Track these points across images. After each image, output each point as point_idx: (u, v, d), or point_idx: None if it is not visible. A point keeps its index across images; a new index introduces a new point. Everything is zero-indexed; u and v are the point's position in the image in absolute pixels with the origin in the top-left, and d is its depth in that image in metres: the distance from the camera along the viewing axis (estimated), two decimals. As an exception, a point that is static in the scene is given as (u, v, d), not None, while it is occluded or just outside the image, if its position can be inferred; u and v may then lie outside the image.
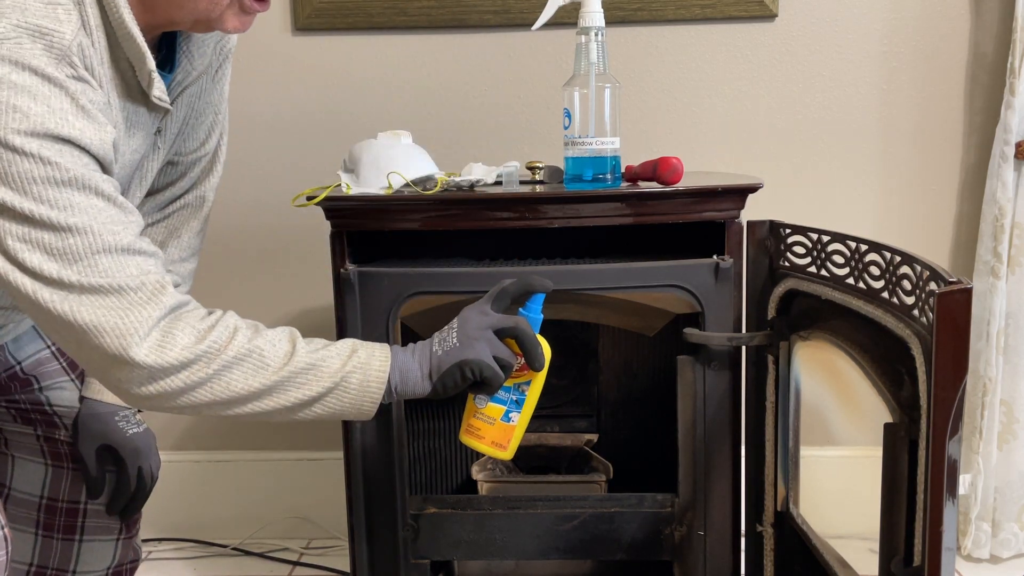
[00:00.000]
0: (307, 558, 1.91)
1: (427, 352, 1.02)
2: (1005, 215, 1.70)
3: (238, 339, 0.95)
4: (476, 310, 1.04)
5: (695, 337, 1.30)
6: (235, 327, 0.96)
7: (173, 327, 0.92)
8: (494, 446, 1.08)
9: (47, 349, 1.27)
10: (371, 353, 1.00)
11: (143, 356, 0.90)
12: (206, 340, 0.93)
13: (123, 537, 1.32)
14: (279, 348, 0.97)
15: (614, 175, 1.37)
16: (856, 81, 1.83)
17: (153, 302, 0.91)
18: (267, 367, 0.95)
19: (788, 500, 1.37)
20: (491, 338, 1.01)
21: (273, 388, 0.96)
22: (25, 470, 1.27)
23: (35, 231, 0.87)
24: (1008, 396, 1.77)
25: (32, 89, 0.85)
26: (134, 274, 0.91)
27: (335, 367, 0.98)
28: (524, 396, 1.07)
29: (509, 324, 1.02)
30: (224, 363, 0.93)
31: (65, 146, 0.87)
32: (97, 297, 0.89)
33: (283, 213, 1.88)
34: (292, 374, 0.96)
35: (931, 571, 0.96)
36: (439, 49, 1.85)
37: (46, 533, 1.28)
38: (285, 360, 0.96)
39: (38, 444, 1.27)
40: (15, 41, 0.85)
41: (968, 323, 0.93)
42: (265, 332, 0.98)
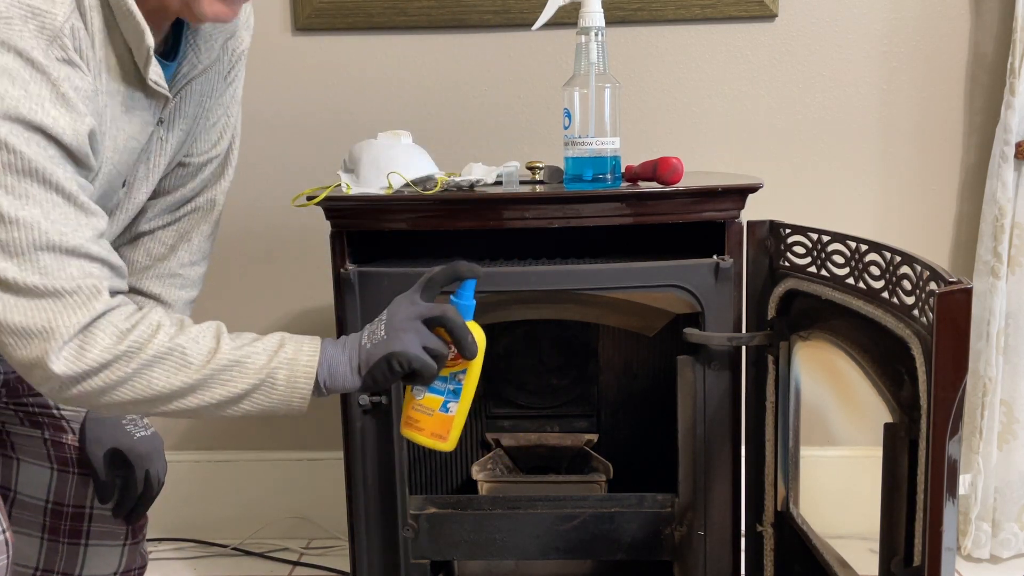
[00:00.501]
0: (307, 558, 1.90)
1: (356, 345, 1.00)
2: (1005, 215, 1.70)
3: (159, 337, 0.93)
4: (405, 300, 1.01)
5: (695, 337, 1.30)
6: (158, 324, 0.94)
7: (95, 327, 0.90)
8: (434, 437, 1.05)
9: None
10: (299, 348, 0.99)
11: (59, 366, 0.89)
12: (126, 340, 0.91)
13: (129, 543, 1.32)
14: (202, 345, 0.95)
15: (614, 175, 1.37)
16: (856, 81, 1.83)
17: (84, 307, 0.90)
18: (189, 365, 0.94)
19: (788, 500, 1.37)
20: (419, 328, 0.99)
21: (196, 386, 0.94)
22: (30, 474, 1.27)
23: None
24: (1008, 396, 1.77)
25: (12, 71, 0.85)
26: (73, 275, 0.89)
27: (260, 363, 0.96)
28: (461, 386, 1.04)
29: (437, 313, 0.99)
30: (144, 361, 0.92)
31: (35, 134, 0.86)
32: (29, 299, 0.88)
33: (283, 213, 1.88)
34: (216, 371, 0.95)
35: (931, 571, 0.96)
36: (439, 49, 1.85)
37: (52, 537, 1.27)
38: (208, 357, 0.95)
39: (45, 448, 1.27)
40: (6, 20, 0.84)
41: (968, 323, 0.93)
42: (190, 329, 0.96)
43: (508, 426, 1.61)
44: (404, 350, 0.98)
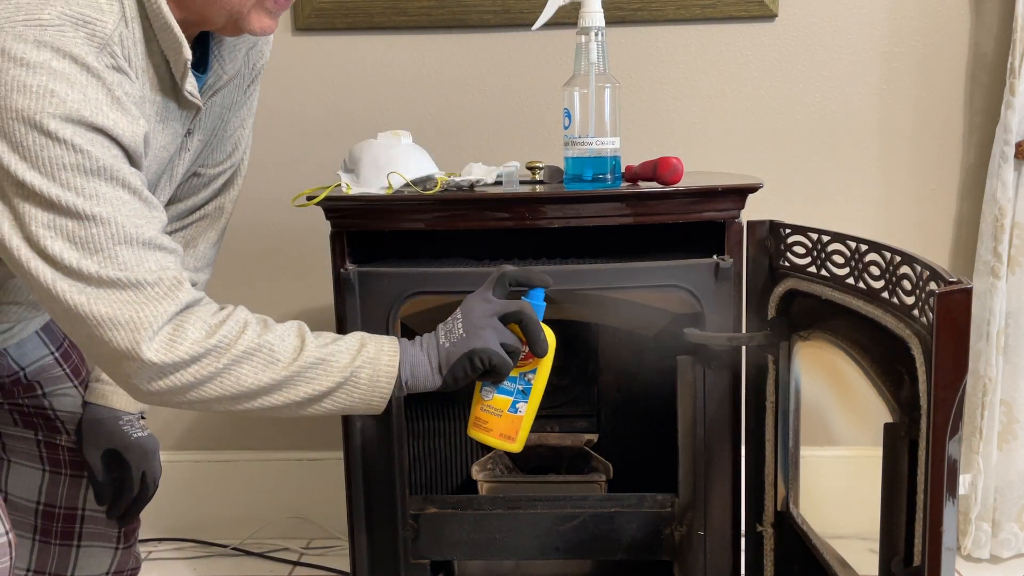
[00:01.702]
0: (307, 558, 1.90)
1: (435, 344, 1.02)
2: (1005, 215, 1.70)
3: (248, 334, 0.95)
4: (479, 298, 1.03)
5: (695, 337, 1.30)
6: (245, 321, 0.96)
7: (184, 322, 0.92)
8: (502, 438, 1.07)
9: (51, 356, 1.26)
10: (380, 347, 1.00)
11: (152, 354, 0.90)
12: (216, 334, 0.93)
13: (122, 546, 1.32)
14: (288, 343, 0.97)
15: (614, 175, 1.37)
16: (856, 81, 1.83)
17: (168, 298, 0.91)
18: (277, 362, 0.96)
19: (788, 500, 1.37)
20: (496, 325, 1.01)
21: (283, 383, 0.96)
22: (21, 475, 1.27)
23: (59, 218, 0.87)
24: (1008, 396, 1.77)
25: (70, 76, 0.86)
26: (152, 269, 0.91)
27: (344, 362, 0.98)
28: (530, 385, 1.06)
29: (513, 309, 1.02)
30: (234, 357, 0.94)
31: (97, 135, 0.88)
32: (113, 291, 0.89)
33: (283, 213, 1.88)
34: (302, 369, 0.96)
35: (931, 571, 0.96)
36: (439, 49, 1.85)
37: (43, 538, 1.27)
38: (295, 355, 0.96)
39: (37, 449, 1.27)
40: (58, 28, 0.85)
41: (968, 323, 0.93)
42: (275, 327, 0.98)
43: (508, 426, 1.61)
44: (485, 346, 1.00)
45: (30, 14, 0.84)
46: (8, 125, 0.85)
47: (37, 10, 0.85)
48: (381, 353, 1.00)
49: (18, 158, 0.85)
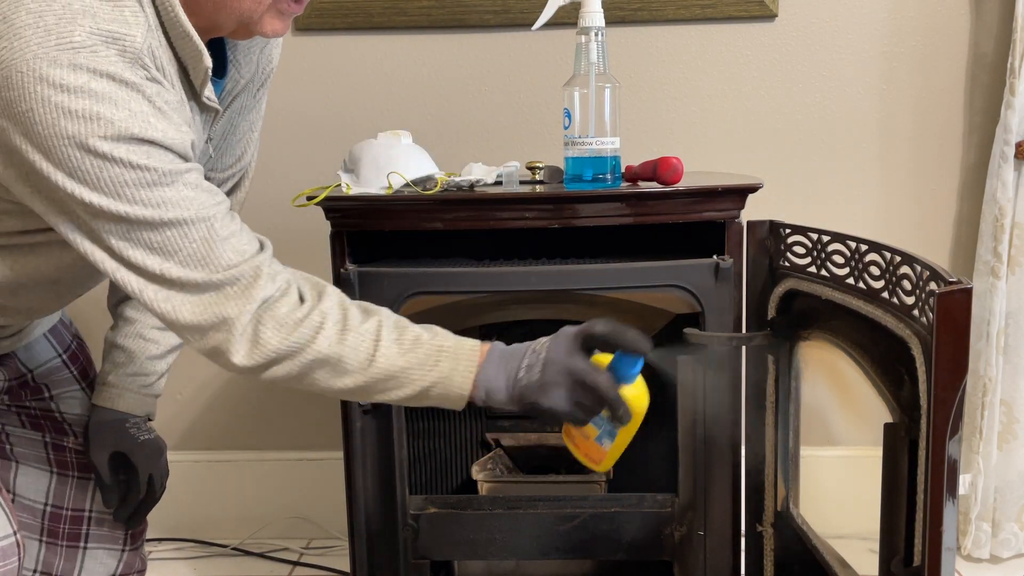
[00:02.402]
0: (307, 558, 1.90)
1: (513, 375, 1.00)
2: (1005, 215, 1.70)
3: (319, 340, 0.95)
4: (565, 347, 1.00)
5: (695, 337, 1.30)
6: (320, 324, 0.96)
7: (262, 323, 0.94)
8: (588, 459, 1.06)
9: (58, 358, 1.26)
10: (455, 365, 0.99)
11: (239, 359, 0.94)
12: (291, 338, 0.94)
13: (129, 548, 1.32)
14: (361, 352, 0.97)
15: (614, 175, 1.37)
16: (856, 81, 1.83)
17: (246, 295, 0.93)
18: (347, 373, 0.97)
19: (788, 500, 1.37)
20: (572, 386, 0.98)
21: (355, 391, 0.99)
22: (29, 477, 1.26)
23: (133, 230, 0.89)
24: (1008, 396, 1.77)
25: (112, 95, 0.85)
26: (231, 261, 0.93)
27: (415, 378, 0.98)
28: (615, 432, 1.04)
29: (590, 381, 0.98)
30: (305, 363, 0.96)
31: (151, 147, 0.88)
32: (196, 294, 0.92)
33: (283, 213, 1.88)
34: (372, 381, 0.98)
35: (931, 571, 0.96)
36: (439, 49, 1.85)
37: (50, 540, 1.27)
38: (365, 365, 0.97)
39: (45, 451, 1.27)
40: (91, 49, 0.85)
41: (968, 323, 0.93)
42: (349, 332, 0.97)
43: (508, 426, 1.61)
44: (552, 407, 0.98)
45: (61, 37, 0.83)
46: (62, 152, 0.85)
47: (67, 32, 0.84)
48: (454, 373, 0.99)
49: (79, 183, 0.86)
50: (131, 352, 1.25)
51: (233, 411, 1.99)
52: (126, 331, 1.26)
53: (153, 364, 1.27)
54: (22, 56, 0.82)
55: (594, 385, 0.98)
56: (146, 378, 1.26)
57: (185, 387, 1.97)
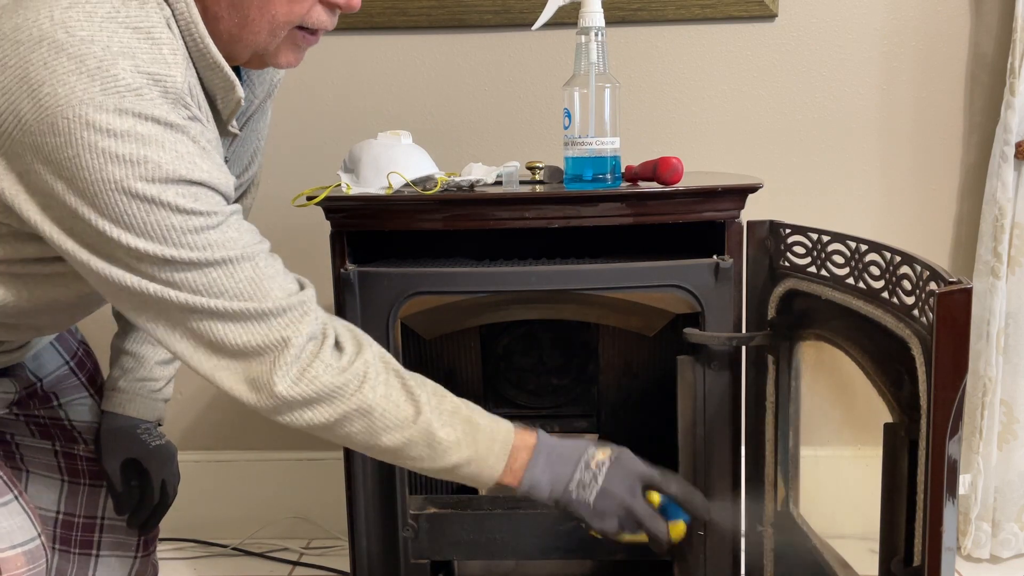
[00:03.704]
0: (307, 558, 1.91)
1: (563, 484, 1.03)
2: (1005, 215, 1.70)
3: (364, 391, 0.95)
4: (627, 486, 1.04)
5: (695, 337, 1.30)
6: (364, 374, 0.96)
7: (313, 360, 0.93)
8: None
9: (66, 366, 1.26)
10: (490, 447, 1.01)
11: (283, 388, 0.92)
12: (338, 379, 0.94)
13: (141, 555, 1.32)
14: (403, 411, 0.97)
15: (614, 175, 1.37)
16: (856, 81, 1.83)
17: (296, 327, 0.93)
18: (386, 430, 0.97)
19: (788, 500, 1.37)
20: (625, 518, 1.03)
21: (386, 451, 0.98)
22: (39, 485, 1.26)
23: (178, 271, 0.88)
24: (1008, 396, 1.77)
25: (158, 138, 0.85)
26: (278, 297, 0.92)
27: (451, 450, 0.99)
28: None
29: (648, 526, 1.04)
30: (346, 412, 0.95)
31: (199, 189, 0.88)
32: (243, 323, 0.91)
33: (283, 213, 1.88)
34: (407, 444, 0.97)
35: (931, 571, 0.96)
36: (439, 49, 1.85)
37: (63, 548, 1.27)
38: (403, 426, 0.97)
39: (55, 460, 1.26)
40: (136, 92, 0.84)
41: (968, 323, 0.93)
42: (393, 388, 0.97)
43: (508, 426, 1.61)
44: (602, 529, 1.04)
45: (106, 82, 0.83)
46: (108, 197, 0.84)
47: (111, 77, 0.83)
48: (490, 454, 1.01)
49: (124, 229, 0.85)
50: (140, 357, 1.25)
51: (233, 411, 1.99)
52: (134, 337, 1.27)
53: (162, 369, 1.27)
54: (68, 102, 0.81)
55: (651, 531, 1.05)
56: (155, 383, 1.27)
57: (185, 387, 1.97)
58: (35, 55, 0.82)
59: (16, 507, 1.03)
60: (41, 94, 0.82)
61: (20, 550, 1.00)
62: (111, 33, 0.84)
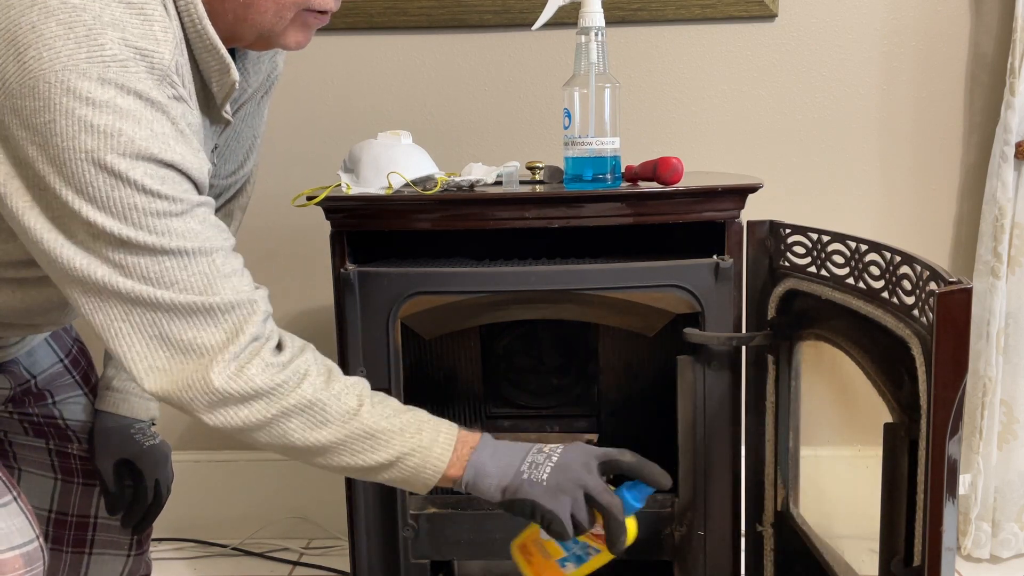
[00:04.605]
0: (307, 558, 1.91)
1: (512, 467, 0.99)
2: (1005, 215, 1.70)
3: (304, 387, 0.93)
4: (582, 461, 1.00)
5: (695, 337, 1.30)
6: (305, 372, 0.94)
7: (250, 359, 0.91)
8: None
9: (60, 363, 1.26)
10: (434, 438, 0.98)
11: (219, 381, 0.89)
12: (275, 379, 0.91)
13: (134, 553, 1.32)
14: (343, 404, 0.95)
15: (614, 175, 1.37)
16: (856, 81, 1.83)
17: (238, 328, 0.90)
18: (327, 423, 0.94)
19: (788, 500, 1.37)
20: (579, 497, 0.98)
21: (328, 449, 0.94)
22: (33, 484, 1.26)
23: (131, 254, 0.86)
24: (1008, 396, 1.77)
25: (135, 113, 0.84)
26: (227, 296, 0.90)
27: (394, 442, 0.96)
28: (587, 558, 1.02)
29: (603, 500, 0.98)
30: (284, 409, 0.92)
31: (169, 171, 0.86)
32: (183, 317, 0.89)
33: (283, 213, 1.88)
34: (349, 438, 0.94)
35: (931, 571, 0.96)
36: (439, 49, 1.85)
37: (55, 547, 1.27)
38: (346, 419, 0.94)
39: (49, 458, 1.26)
40: (121, 64, 0.83)
41: (968, 323, 0.93)
42: (334, 383, 0.95)
43: (508, 426, 1.61)
44: (553, 510, 0.97)
45: (92, 50, 0.82)
46: (77, 166, 0.82)
47: (98, 45, 0.82)
48: (435, 445, 0.97)
49: (86, 201, 0.83)
50: None
51: (233, 411, 1.99)
52: None
53: None
54: (51, 67, 0.81)
55: (607, 506, 0.98)
56: None
57: (185, 387, 1.97)
58: (25, 18, 0.82)
59: (15, 508, 1.03)
60: (26, 57, 0.81)
61: (18, 552, 1.00)
62: (104, 5, 0.84)
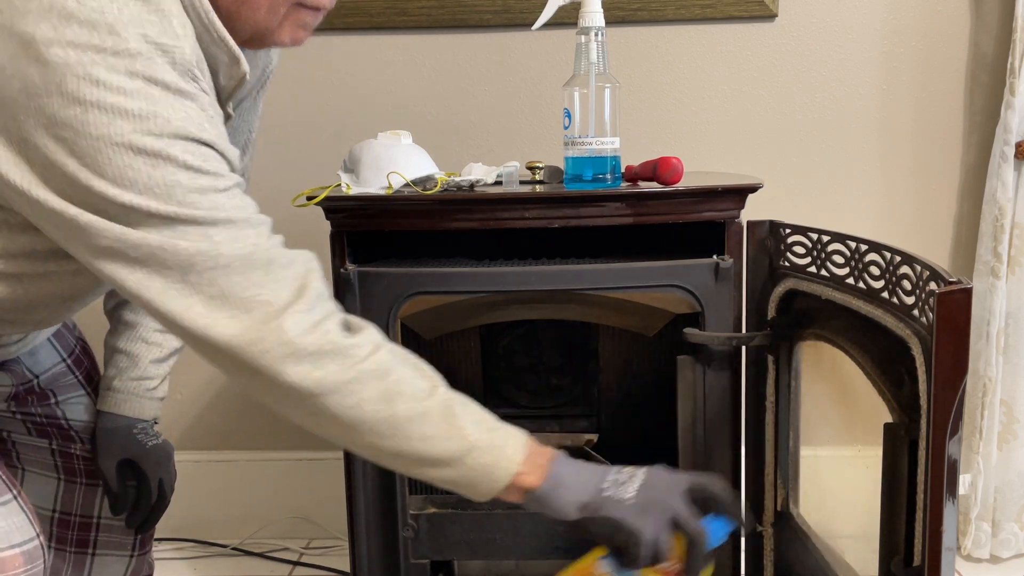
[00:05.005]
0: (307, 558, 1.90)
1: (594, 482, 0.95)
2: (1005, 215, 1.70)
3: (382, 353, 0.90)
4: (672, 484, 0.95)
5: (695, 337, 1.30)
6: (379, 342, 0.91)
7: (326, 318, 0.88)
8: None
9: (63, 363, 1.26)
10: (506, 440, 0.94)
11: (293, 326, 0.85)
12: (352, 339, 0.89)
13: (137, 553, 1.32)
14: (419, 382, 0.92)
15: (614, 175, 1.37)
16: (856, 81, 1.83)
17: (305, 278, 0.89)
18: (402, 395, 0.89)
19: (788, 500, 1.37)
20: (664, 523, 0.93)
21: (397, 427, 0.89)
22: (36, 484, 1.26)
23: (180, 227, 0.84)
24: (1008, 396, 1.77)
25: (166, 100, 0.84)
26: (284, 252, 0.89)
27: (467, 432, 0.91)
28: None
29: (692, 528, 0.93)
30: (363, 372, 0.88)
31: (208, 150, 0.86)
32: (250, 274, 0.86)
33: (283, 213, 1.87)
34: (423, 414, 0.90)
35: (931, 571, 0.96)
36: (439, 49, 1.85)
37: (58, 547, 1.27)
38: (422, 396, 0.90)
39: (52, 458, 1.26)
40: (147, 58, 0.83)
41: (968, 323, 0.93)
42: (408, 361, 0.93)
43: (508, 426, 1.61)
44: (638, 532, 0.92)
45: (117, 47, 0.81)
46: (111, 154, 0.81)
47: (122, 41, 0.82)
48: (507, 446, 0.93)
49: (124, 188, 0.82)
50: (134, 356, 1.25)
51: (233, 411, 1.99)
52: (128, 335, 1.26)
53: (156, 367, 1.26)
54: (79, 62, 0.80)
55: (695, 535, 0.93)
56: (150, 382, 1.26)
57: (185, 387, 1.97)
58: (45, 23, 0.81)
59: (15, 507, 1.03)
60: (49, 57, 0.81)
61: (18, 550, 1.00)
62: (121, 5, 0.83)
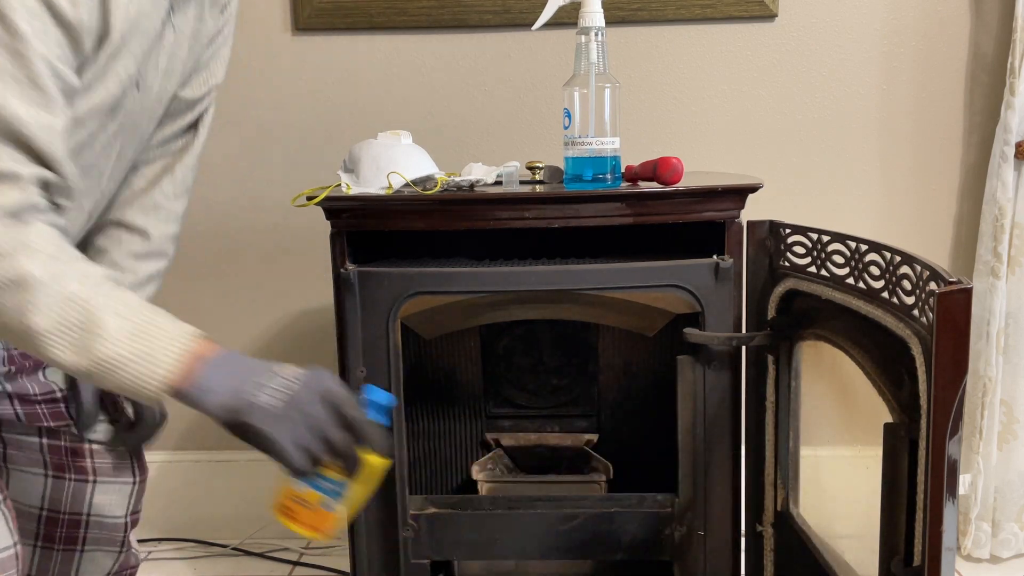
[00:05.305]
0: (307, 558, 1.90)
1: (236, 385, 0.88)
2: (1005, 215, 1.70)
3: (22, 257, 0.79)
4: (334, 380, 0.89)
5: (695, 337, 1.30)
6: (27, 242, 0.80)
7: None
8: (314, 530, 0.95)
9: None
10: (173, 331, 0.85)
11: None
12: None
13: (125, 549, 1.32)
14: (72, 271, 0.82)
15: (614, 175, 1.37)
16: (856, 81, 1.83)
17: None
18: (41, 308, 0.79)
19: (788, 500, 1.37)
20: (306, 429, 0.89)
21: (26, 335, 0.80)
22: (23, 481, 1.26)
23: None
24: (1008, 396, 1.77)
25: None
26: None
27: (129, 315, 0.83)
28: (342, 490, 0.93)
29: (349, 412, 0.88)
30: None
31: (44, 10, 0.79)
32: None
33: (283, 213, 1.88)
34: (57, 275, 0.80)
35: (931, 571, 0.96)
36: (439, 49, 1.85)
37: (46, 544, 1.27)
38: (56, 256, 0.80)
39: (40, 454, 1.26)
40: None
41: (968, 323, 0.93)
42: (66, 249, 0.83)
43: (508, 426, 1.61)
44: (277, 440, 0.88)
45: None
46: None
47: None
48: (174, 336, 0.84)
49: None
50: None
51: (233, 411, 1.99)
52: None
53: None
54: None
55: (352, 416, 0.88)
56: None
57: (185, 387, 1.96)
58: None
59: None
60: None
61: None
62: None
